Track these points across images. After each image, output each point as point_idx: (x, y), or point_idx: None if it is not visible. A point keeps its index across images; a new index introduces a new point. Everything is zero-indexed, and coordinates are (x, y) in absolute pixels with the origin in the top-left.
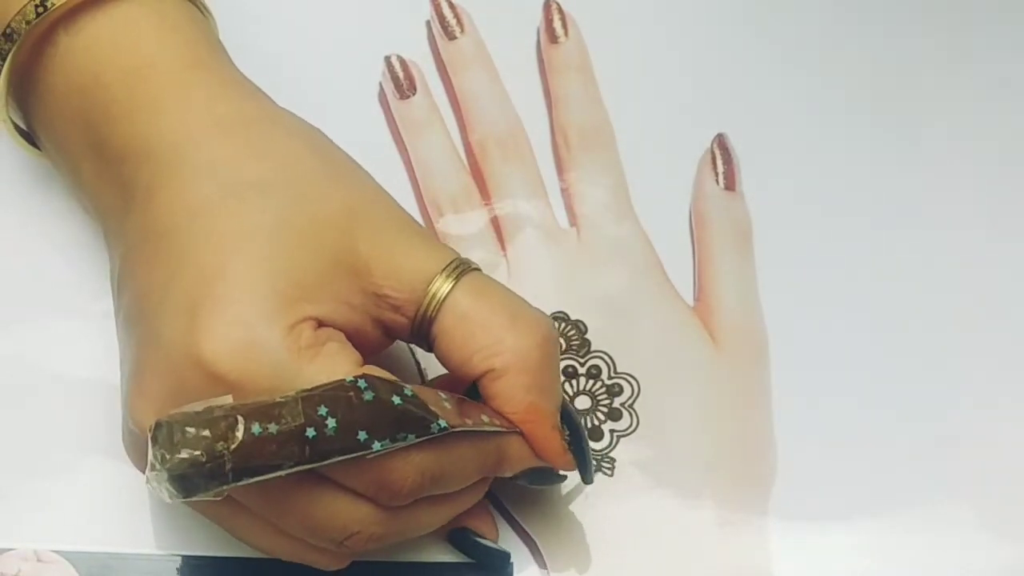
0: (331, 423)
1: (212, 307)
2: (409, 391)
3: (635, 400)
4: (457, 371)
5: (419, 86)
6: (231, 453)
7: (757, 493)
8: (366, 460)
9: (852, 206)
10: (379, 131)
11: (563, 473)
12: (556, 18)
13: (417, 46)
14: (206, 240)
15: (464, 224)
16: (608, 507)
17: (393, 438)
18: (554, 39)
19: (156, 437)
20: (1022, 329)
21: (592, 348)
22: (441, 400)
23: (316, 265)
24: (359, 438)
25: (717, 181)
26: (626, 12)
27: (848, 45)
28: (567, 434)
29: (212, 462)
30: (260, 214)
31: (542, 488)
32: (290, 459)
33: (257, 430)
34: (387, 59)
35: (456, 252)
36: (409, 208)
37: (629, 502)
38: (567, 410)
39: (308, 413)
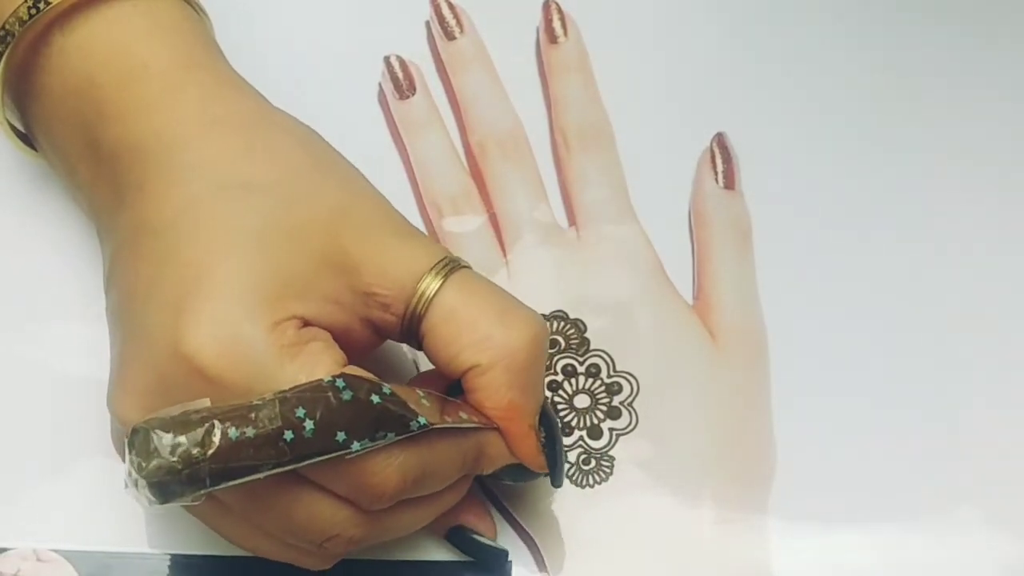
0: (309, 425)
1: (197, 303)
2: (388, 389)
3: (634, 399)
4: (445, 367)
5: (418, 86)
6: (208, 459)
7: (756, 491)
8: (346, 462)
9: (852, 205)
10: (378, 131)
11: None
12: (555, 18)
13: (416, 46)
14: (194, 238)
15: (464, 224)
16: (607, 505)
17: (372, 437)
18: (553, 39)
19: (133, 443)
20: (1022, 328)
21: (591, 347)
22: (420, 398)
23: (303, 264)
24: (338, 439)
25: (716, 180)
26: (625, 12)
27: (848, 44)
28: (543, 436)
29: (188, 468)
30: (249, 213)
31: (520, 484)
32: (268, 462)
33: (234, 434)
34: (386, 59)
35: (446, 250)
36: (409, 208)
37: (628, 500)
38: (546, 412)
39: (285, 415)
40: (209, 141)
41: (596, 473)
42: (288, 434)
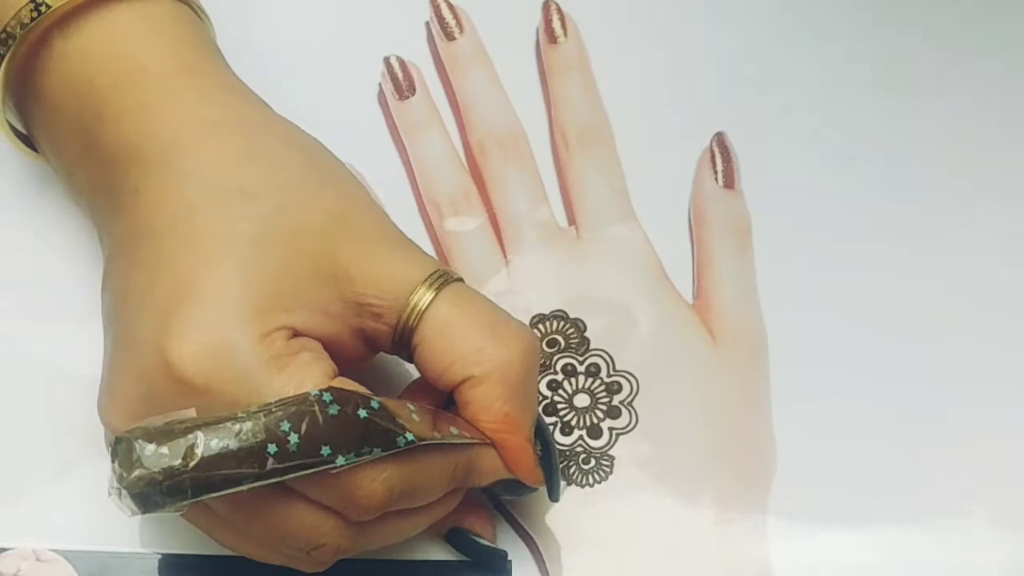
0: (293, 439)
1: (185, 311)
2: (376, 403)
3: (634, 398)
4: (436, 380)
5: (418, 87)
6: (190, 470)
7: (756, 490)
8: (331, 476)
9: (852, 205)
10: (378, 132)
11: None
12: (555, 18)
13: (416, 47)
14: (187, 244)
15: (464, 224)
16: (607, 505)
17: (358, 452)
18: (553, 39)
19: (116, 452)
20: (1022, 327)
21: (591, 346)
22: (410, 412)
23: (295, 273)
24: (323, 453)
25: (716, 179)
26: (625, 12)
27: (848, 43)
28: (539, 449)
29: (170, 480)
30: (243, 220)
31: (514, 498)
32: (251, 475)
33: (217, 446)
34: (386, 60)
35: (439, 263)
36: (409, 208)
37: (628, 500)
38: (541, 426)
39: (270, 428)
40: (206, 145)
41: (596, 472)
42: (272, 447)
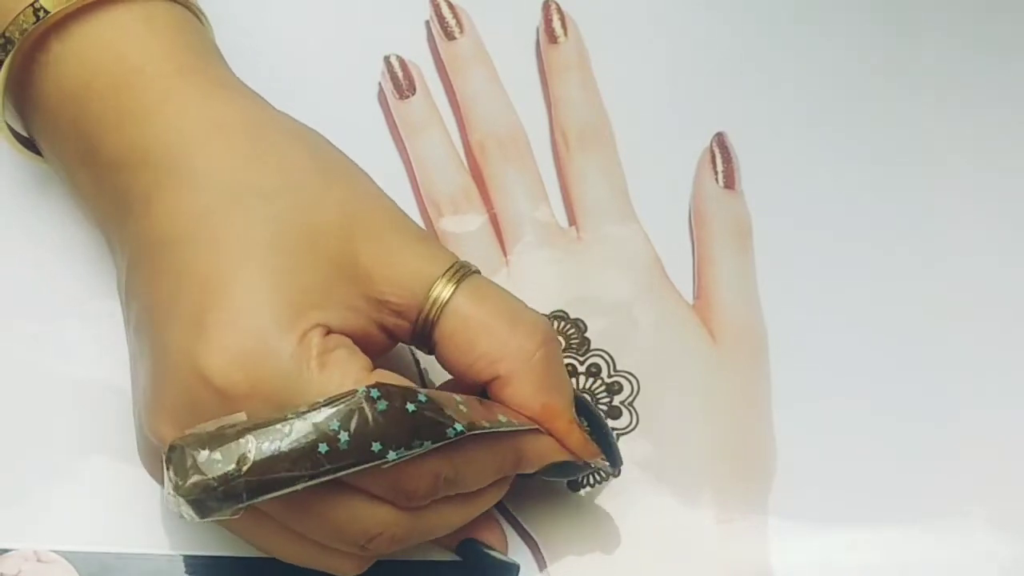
0: (344, 437)
1: (219, 319)
2: (423, 396)
3: (635, 398)
4: (461, 377)
5: (418, 86)
6: (244, 474)
7: (757, 491)
8: (381, 468)
9: (852, 205)
10: (379, 131)
11: (584, 464)
12: (555, 18)
13: (417, 46)
14: (209, 249)
15: (464, 224)
16: (608, 505)
17: (408, 446)
18: (553, 39)
19: (170, 460)
20: (1023, 328)
21: (592, 346)
22: (457, 403)
23: (319, 272)
24: (373, 449)
25: (717, 180)
26: (625, 12)
27: (849, 43)
28: (586, 425)
29: (224, 485)
30: (262, 222)
31: (561, 480)
32: (303, 475)
33: (269, 449)
34: (386, 59)
35: (454, 255)
36: (409, 208)
37: (629, 500)
38: (581, 401)
39: (320, 429)
40: (213, 147)
41: (597, 473)
42: (323, 447)
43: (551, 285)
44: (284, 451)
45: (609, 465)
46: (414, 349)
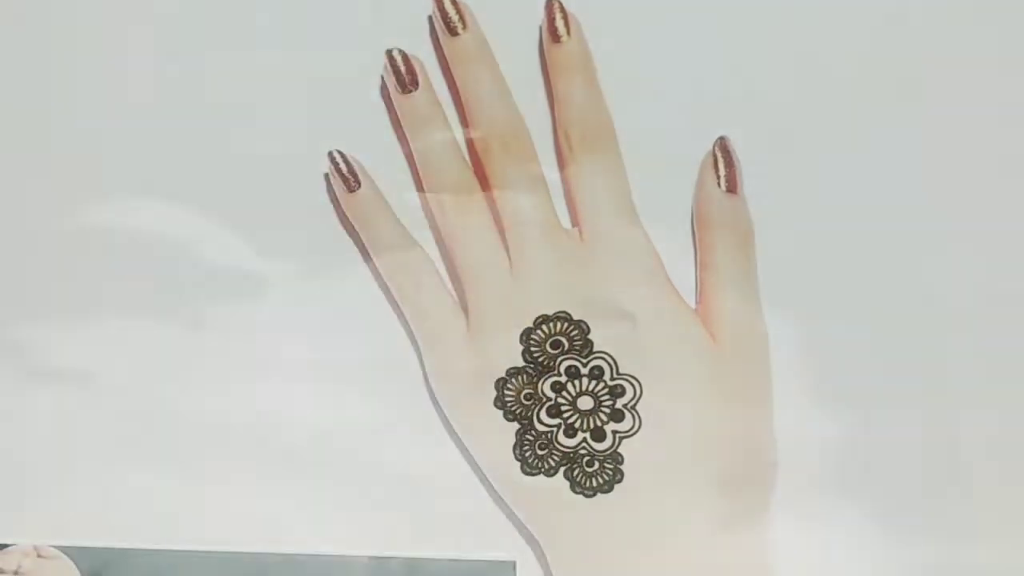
0: None
1: None
2: None
3: (637, 401)
4: None
5: (421, 80)
6: None
7: (758, 493)
8: None
9: (854, 209)
10: (381, 126)
11: None
12: (558, 17)
13: (419, 42)
14: None
15: (467, 221)
16: (611, 507)
17: None
18: (556, 38)
19: None
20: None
21: (595, 348)
22: None
23: None
24: None
25: (719, 183)
26: (629, 12)
27: (851, 47)
28: None
29: None
30: None
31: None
32: None
33: None
34: (388, 53)
35: None
36: (412, 205)
37: (631, 502)
38: None
39: None
40: None
41: (600, 475)
42: None
43: (554, 286)
44: None
45: None
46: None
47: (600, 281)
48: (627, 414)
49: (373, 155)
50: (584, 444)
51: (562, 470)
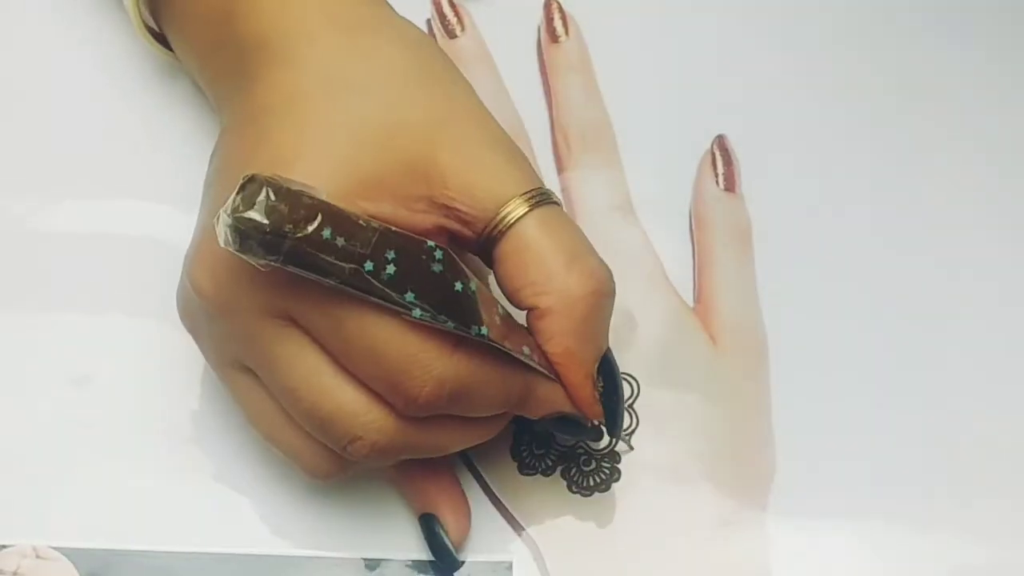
0: (390, 269)
1: None
2: (473, 286)
3: (635, 400)
4: (509, 299)
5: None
6: (295, 238)
7: (757, 492)
8: (389, 358)
9: (852, 208)
10: None
11: (593, 427)
12: (557, 17)
13: None
14: (290, 127)
15: None
16: (608, 507)
17: (435, 315)
18: (555, 38)
19: (244, 187)
20: (1023, 329)
21: None
22: (495, 312)
23: (384, 166)
24: (406, 297)
25: (717, 182)
26: (626, 12)
27: (849, 46)
28: (601, 386)
29: (273, 236)
30: (345, 112)
31: (571, 440)
32: (339, 275)
33: (327, 234)
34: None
35: (541, 181)
36: None
37: (629, 501)
38: (608, 362)
39: (377, 248)
40: (325, 39)
41: (597, 475)
42: (368, 265)
43: None
44: (337, 245)
45: (606, 429)
46: None
47: None
48: (625, 413)
49: None
50: (582, 443)
51: (559, 469)
